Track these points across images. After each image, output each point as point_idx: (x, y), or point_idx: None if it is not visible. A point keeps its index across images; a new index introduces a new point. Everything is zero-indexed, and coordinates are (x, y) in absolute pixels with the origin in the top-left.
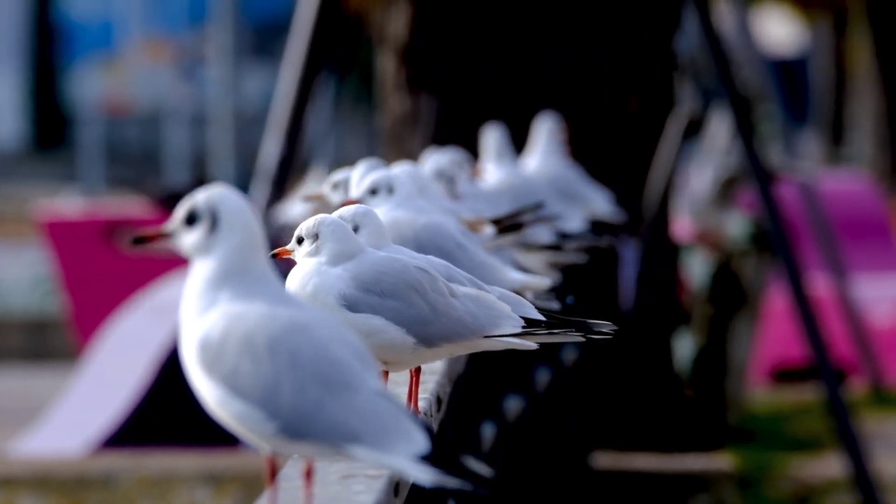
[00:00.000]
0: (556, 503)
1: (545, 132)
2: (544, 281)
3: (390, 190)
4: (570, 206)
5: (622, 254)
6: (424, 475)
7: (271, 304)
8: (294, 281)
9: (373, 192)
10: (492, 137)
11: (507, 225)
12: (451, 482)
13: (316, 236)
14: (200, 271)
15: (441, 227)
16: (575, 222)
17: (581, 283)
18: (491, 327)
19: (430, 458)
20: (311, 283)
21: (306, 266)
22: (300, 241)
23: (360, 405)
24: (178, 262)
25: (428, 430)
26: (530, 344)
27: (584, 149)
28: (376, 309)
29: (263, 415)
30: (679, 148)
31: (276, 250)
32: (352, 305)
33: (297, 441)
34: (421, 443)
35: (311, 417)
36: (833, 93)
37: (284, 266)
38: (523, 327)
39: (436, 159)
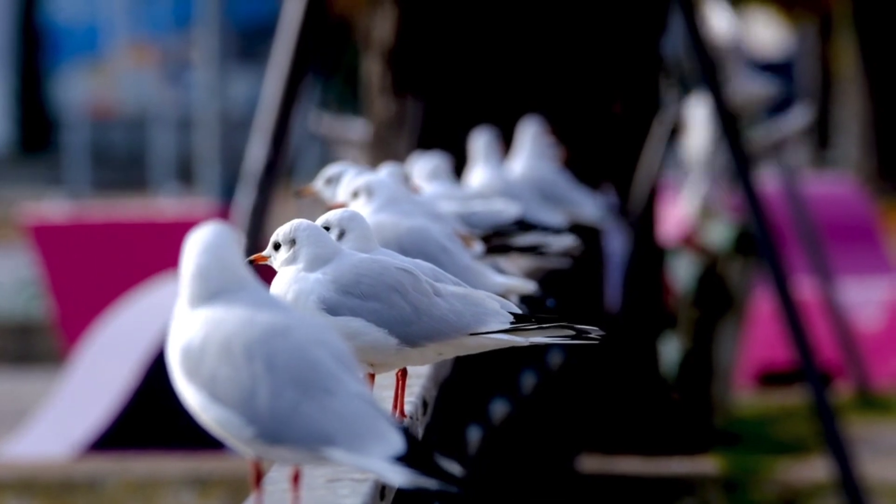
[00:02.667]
0: None
1: (530, 135)
2: (528, 285)
3: (370, 193)
4: (554, 210)
5: (608, 257)
6: (399, 476)
7: (252, 308)
8: (274, 290)
9: (354, 195)
10: (480, 141)
11: (497, 245)
12: (426, 483)
13: (292, 242)
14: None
15: (425, 230)
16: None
17: (566, 286)
18: (477, 325)
19: (405, 460)
20: (290, 290)
21: (285, 274)
22: (277, 246)
23: (336, 408)
24: (163, 266)
25: (404, 431)
26: (519, 340)
27: (569, 152)
28: (356, 311)
29: (242, 420)
30: (664, 151)
31: (252, 256)
32: (332, 309)
33: (276, 445)
34: (397, 444)
35: (287, 421)
36: (819, 96)
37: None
38: (511, 323)
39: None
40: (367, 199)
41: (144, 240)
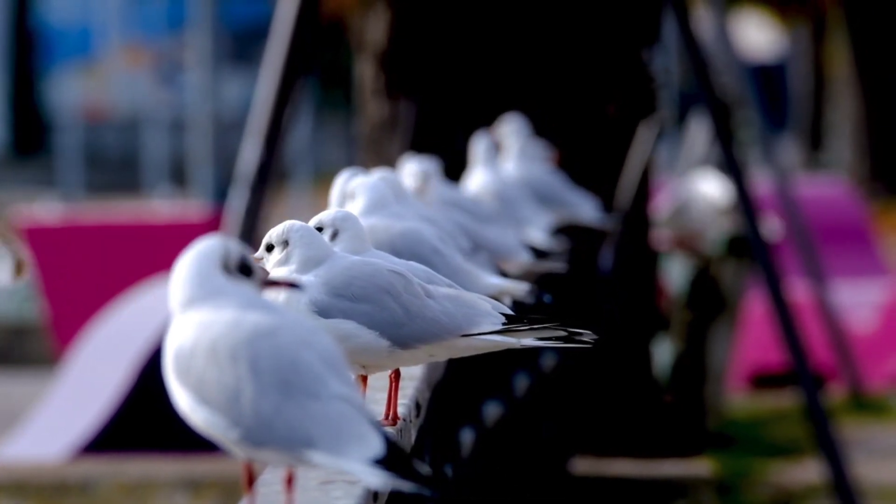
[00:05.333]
0: None
1: (515, 134)
2: (522, 286)
3: (353, 197)
4: (547, 212)
5: (601, 260)
6: (376, 479)
7: (241, 311)
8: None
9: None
10: (481, 145)
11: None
12: (402, 485)
13: (285, 243)
14: None
15: (417, 233)
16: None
17: (561, 288)
18: (468, 326)
19: (384, 462)
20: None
21: (278, 276)
22: (269, 248)
23: (318, 411)
24: (156, 269)
25: (384, 434)
26: (511, 341)
27: (561, 154)
28: (348, 313)
29: (227, 422)
30: (651, 153)
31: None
32: (323, 311)
33: (260, 448)
34: (376, 447)
35: (270, 424)
36: (812, 98)
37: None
38: (504, 324)
39: (409, 166)
40: (352, 202)
41: (138, 242)
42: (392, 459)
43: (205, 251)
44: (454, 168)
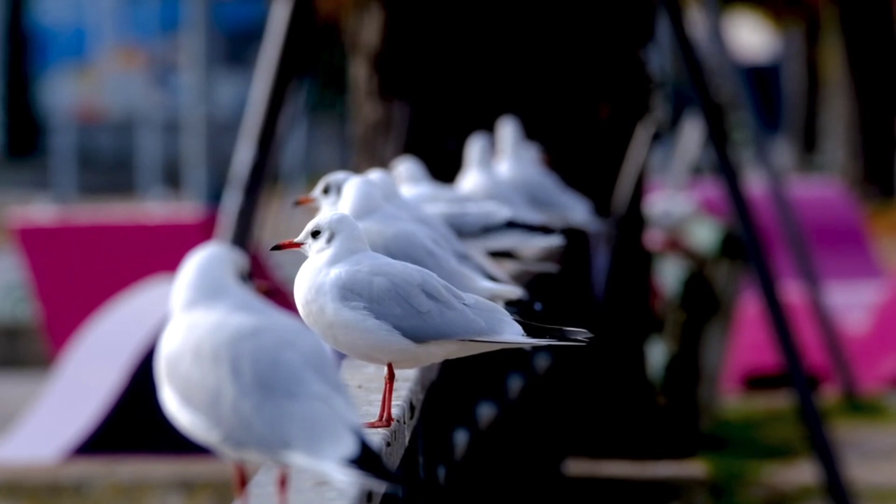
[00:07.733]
0: None
1: (510, 137)
2: (515, 290)
3: (339, 190)
4: (543, 213)
5: (595, 261)
6: (349, 478)
7: (226, 313)
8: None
9: (325, 191)
10: (476, 147)
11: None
12: (373, 484)
13: None
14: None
15: (411, 235)
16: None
17: (553, 290)
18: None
19: (357, 462)
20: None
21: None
22: None
23: (296, 411)
24: (150, 270)
25: (358, 433)
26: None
27: (550, 156)
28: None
29: (208, 423)
30: (647, 155)
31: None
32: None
33: (241, 448)
34: (349, 447)
35: (249, 425)
36: (805, 100)
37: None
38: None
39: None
40: (335, 195)
41: (131, 243)
42: (365, 459)
43: (205, 257)
44: (448, 169)
